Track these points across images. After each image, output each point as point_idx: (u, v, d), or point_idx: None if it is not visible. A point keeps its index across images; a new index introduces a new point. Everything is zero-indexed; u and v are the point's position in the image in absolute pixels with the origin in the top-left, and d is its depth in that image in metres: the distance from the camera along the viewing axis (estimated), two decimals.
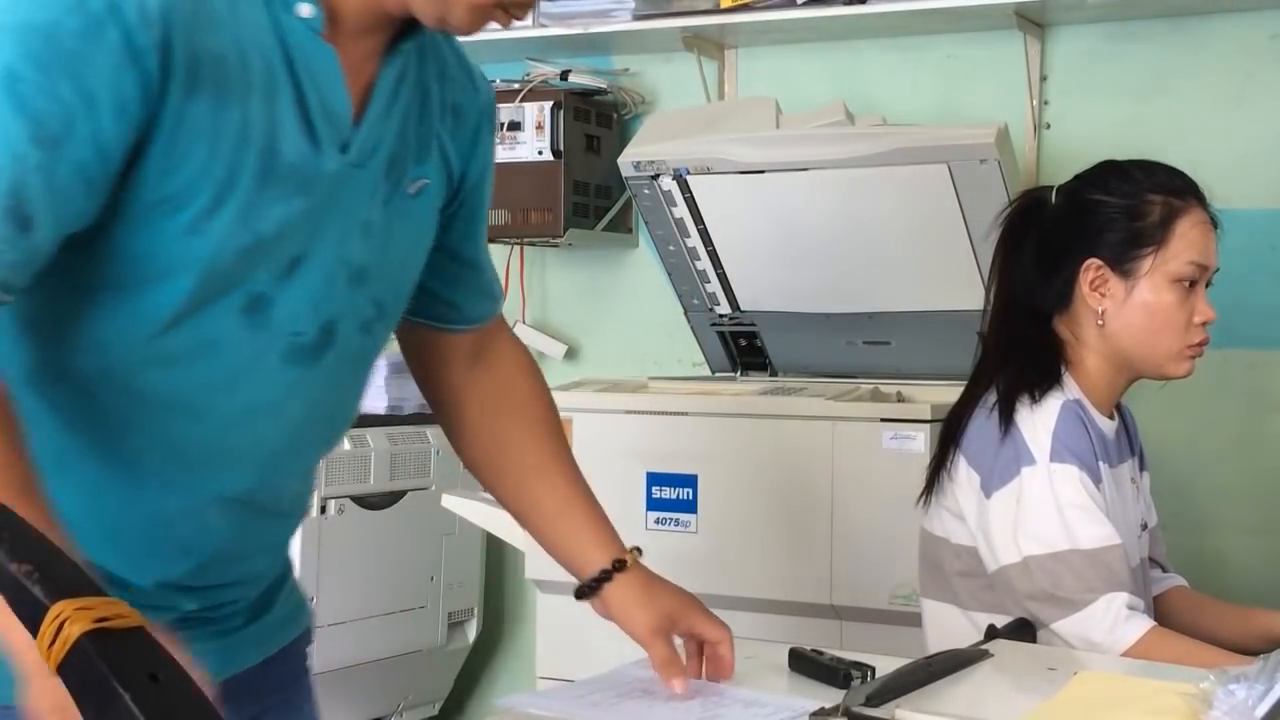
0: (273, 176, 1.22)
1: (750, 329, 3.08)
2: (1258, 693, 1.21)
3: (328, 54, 1.25)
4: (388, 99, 1.31)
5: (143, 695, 0.86)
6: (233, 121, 1.19)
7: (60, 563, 0.93)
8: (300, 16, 1.23)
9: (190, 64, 1.15)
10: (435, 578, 3.41)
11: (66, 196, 1.13)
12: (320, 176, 1.26)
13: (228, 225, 1.21)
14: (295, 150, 1.24)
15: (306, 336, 1.31)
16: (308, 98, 1.24)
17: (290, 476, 1.42)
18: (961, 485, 1.95)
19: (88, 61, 1.10)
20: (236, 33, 1.19)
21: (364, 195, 1.31)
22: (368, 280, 1.34)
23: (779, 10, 3.03)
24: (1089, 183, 1.99)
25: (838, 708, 1.32)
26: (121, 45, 1.11)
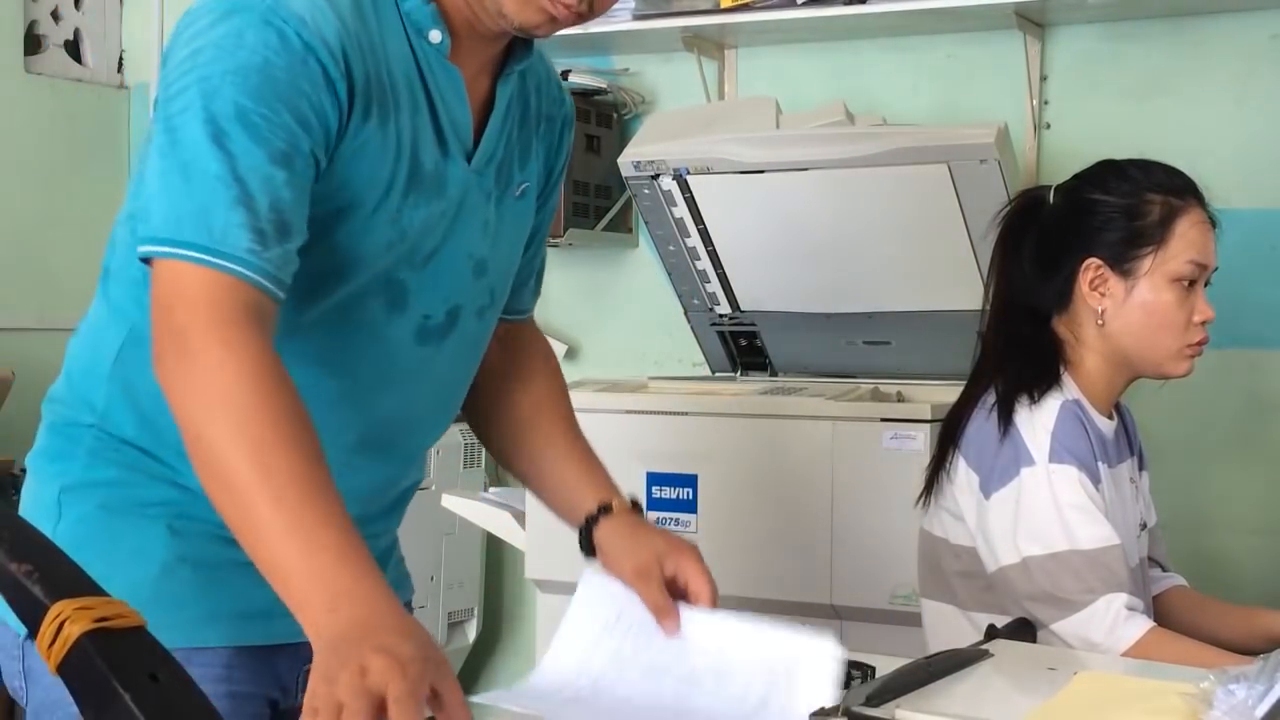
0: (416, 182, 1.41)
1: (750, 329, 3.08)
2: (1258, 693, 1.21)
3: (454, 74, 1.44)
4: (504, 115, 1.50)
5: (143, 695, 0.86)
6: (391, 136, 1.38)
7: (60, 563, 0.93)
8: (432, 42, 1.42)
9: (364, 89, 1.35)
10: (435, 578, 3.41)
11: (304, 204, 1.32)
12: (451, 181, 1.45)
13: (383, 226, 1.40)
14: (432, 159, 1.43)
15: (435, 319, 1.49)
16: (439, 113, 1.43)
17: (415, 440, 1.59)
18: (961, 486, 1.95)
19: (298, 91, 1.30)
20: (386, 57, 1.38)
21: (483, 198, 1.50)
22: (486, 272, 1.53)
23: (779, 10, 3.03)
24: (1088, 182, 1.99)
25: (838, 708, 1.32)
26: (320, 76, 1.31)
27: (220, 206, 1.25)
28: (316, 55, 1.31)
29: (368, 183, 1.37)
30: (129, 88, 4.09)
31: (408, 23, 1.40)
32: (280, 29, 1.29)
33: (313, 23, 1.31)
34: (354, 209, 1.37)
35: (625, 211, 3.39)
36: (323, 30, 1.31)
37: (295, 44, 1.30)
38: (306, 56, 1.30)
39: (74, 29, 3.98)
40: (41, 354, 3.84)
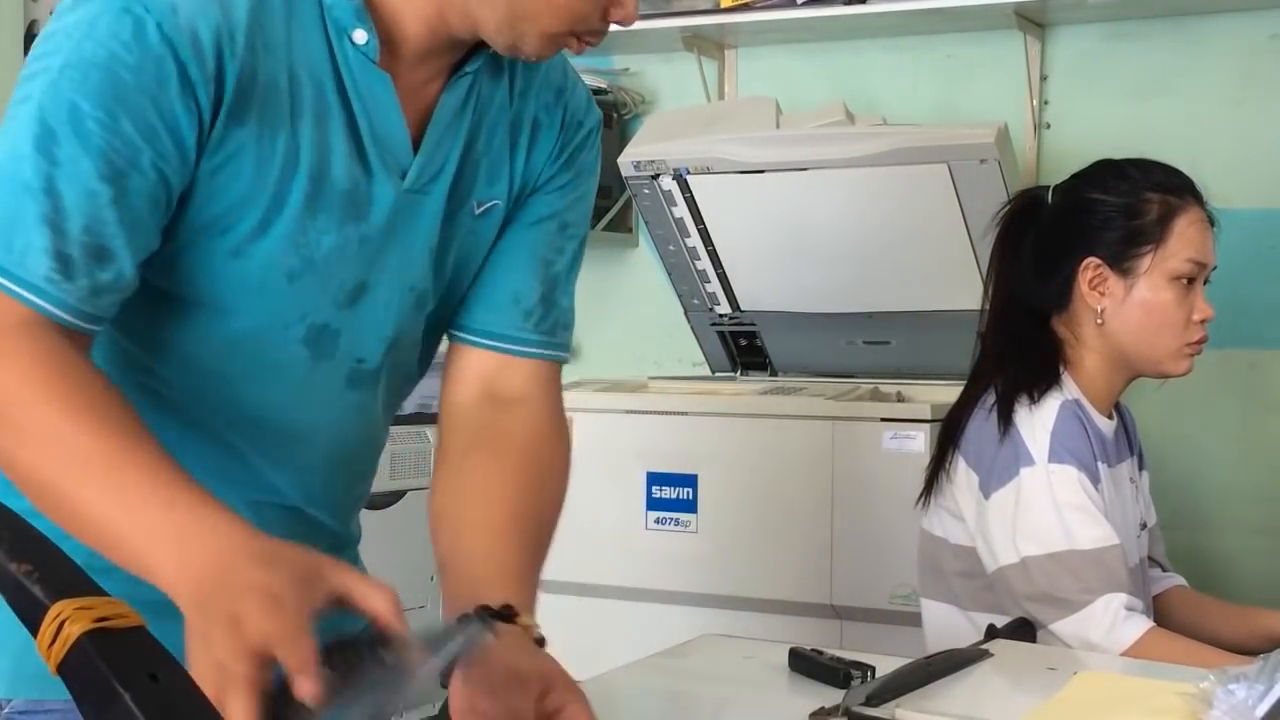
0: (323, 201, 1.23)
1: (750, 329, 3.07)
2: (1258, 693, 1.21)
3: (382, 81, 1.24)
4: (447, 123, 1.30)
5: (143, 695, 0.86)
6: (280, 146, 1.20)
7: (60, 563, 0.93)
8: (355, 43, 1.22)
9: (240, 92, 1.17)
10: (435, 577, 3.41)
11: (137, 226, 1.15)
12: (377, 203, 1.26)
13: (277, 247, 1.22)
14: (347, 176, 1.24)
15: (370, 362, 1.34)
16: (359, 124, 1.24)
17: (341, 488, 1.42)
18: (960, 486, 1.95)
19: (146, 95, 1.13)
20: (290, 56, 1.20)
21: (427, 221, 1.31)
22: (427, 303, 1.36)
23: (779, 10, 3.02)
24: (1086, 182, 1.99)
25: (838, 708, 1.32)
26: (177, 79, 1.14)
27: (25, 222, 1.11)
28: (176, 52, 1.13)
29: (245, 197, 1.20)
30: None
31: (328, 19, 1.21)
32: (139, 18, 1.12)
33: (184, 13, 1.13)
34: (229, 226, 1.21)
35: (625, 211, 3.39)
36: (193, 22, 1.14)
37: (152, 38, 1.13)
38: (162, 56, 1.13)
39: None
40: None
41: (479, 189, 1.35)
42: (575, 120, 1.41)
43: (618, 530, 2.74)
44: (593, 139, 1.43)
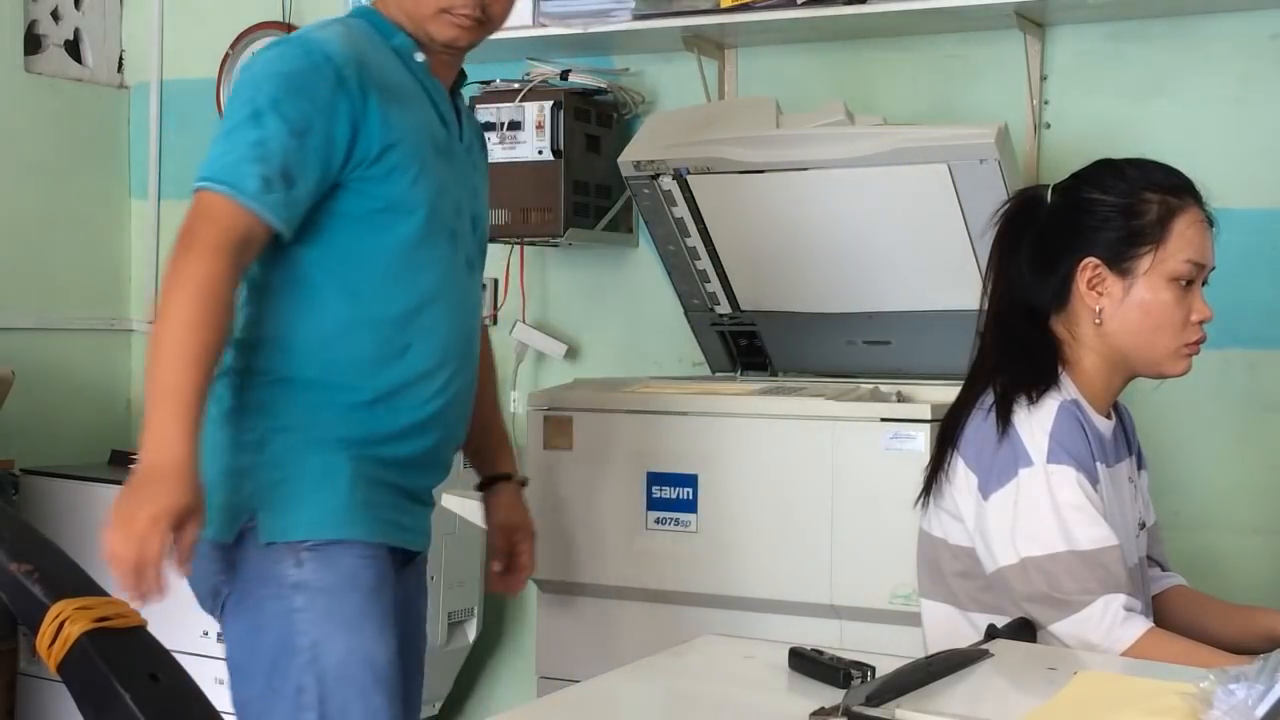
0: (438, 151, 2.02)
1: (750, 329, 3.08)
2: (1258, 693, 1.22)
3: (437, 84, 2.06)
4: (468, 112, 2.16)
5: (143, 695, 0.86)
6: (412, 118, 1.99)
7: (60, 563, 0.93)
8: (418, 61, 2.03)
9: (379, 88, 1.94)
10: (435, 578, 3.40)
11: (312, 166, 1.90)
12: (455, 152, 2.07)
13: (431, 180, 2.00)
14: (442, 136, 2.04)
15: (472, 255, 2.12)
16: (438, 107, 2.05)
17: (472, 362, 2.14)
18: (959, 486, 1.95)
19: (316, 90, 1.90)
20: (397, 74, 2.00)
21: (471, 166, 2.13)
22: (478, 227, 2.15)
23: (779, 10, 3.02)
24: (1085, 181, 1.99)
25: (838, 708, 1.32)
26: (335, 79, 1.91)
27: (245, 160, 1.85)
28: (333, 64, 1.90)
29: (411, 150, 1.96)
30: (129, 88, 4.09)
31: (400, 53, 2.02)
32: (308, 50, 1.92)
33: (330, 45, 1.93)
34: (407, 167, 1.96)
35: (625, 211, 3.39)
36: (339, 50, 1.93)
37: (319, 59, 1.91)
38: (324, 65, 1.90)
39: (74, 29, 3.98)
40: (41, 354, 3.86)
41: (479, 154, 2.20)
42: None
43: (618, 530, 2.75)
44: None
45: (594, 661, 1.52)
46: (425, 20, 1.99)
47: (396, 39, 2.01)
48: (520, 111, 3.19)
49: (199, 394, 1.80)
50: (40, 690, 3.48)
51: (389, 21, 2.02)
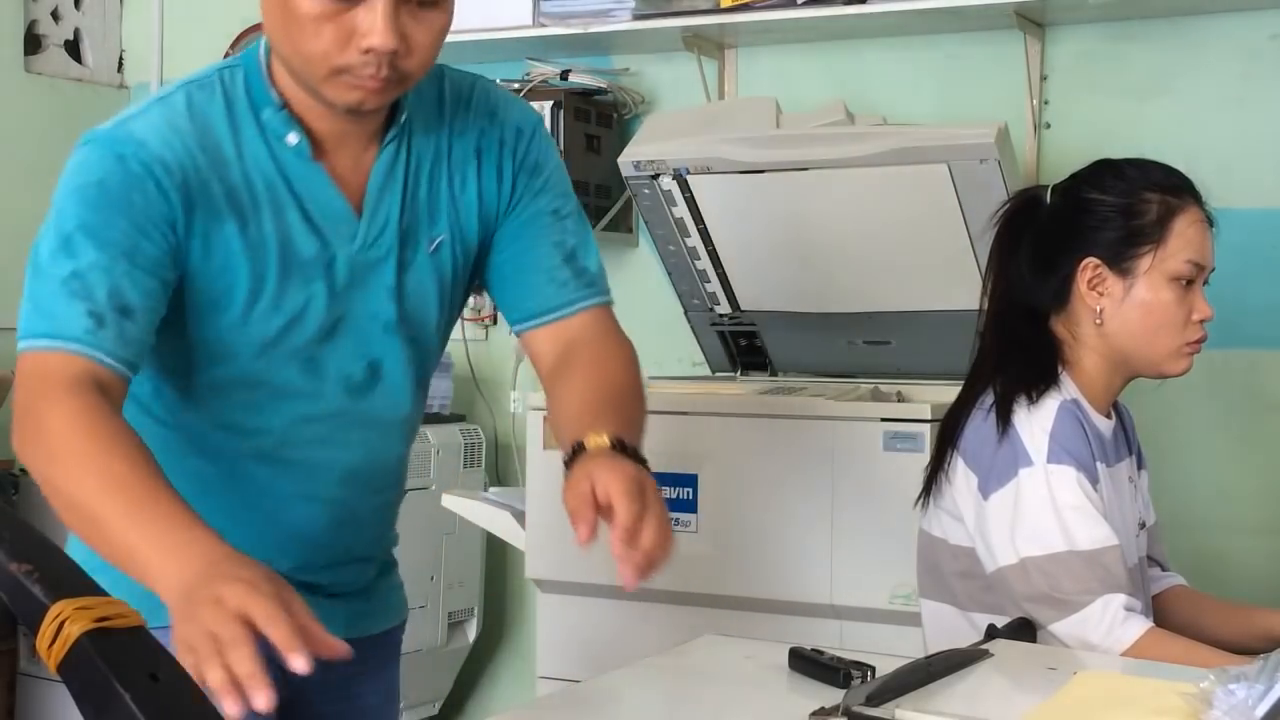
0: (293, 270, 1.57)
1: (750, 329, 3.08)
2: (1258, 693, 1.21)
3: (316, 172, 1.58)
4: (380, 188, 1.61)
5: (143, 695, 0.86)
6: (252, 236, 1.55)
7: (60, 563, 0.93)
8: (290, 145, 1.56)
9: (207, 199, 1.53)
10: (435, 578, 3.41)
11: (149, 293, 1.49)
12: (338, 265, 1.60)
13: (265, 313, 1.57)
14: (310, 248, 1.58)
15: (357, 376, 1.65)
16: (309, 208, 1.58)
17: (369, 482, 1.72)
18: (959, 486, 1.95)
19: (133, 201, 1.49)
20: (244, 166, 1.55)
21: (380, 267, 1.62)
22: (397, 330, 1.65)
23: (779, 10, 3.02)
24: (1085, 182, 1.99)
25: (838, 708, 1.32)
26: (155, 189, 1.50)
27: (61, 301, 1.46)
28: (151, 171, 1.49)
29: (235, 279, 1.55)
30: (129, 88, 4.10)
31: (267, 131, 1.56)
32: (119, 153, 1.50)
33: (150, 146, 1.50)
34: (229, 303, 1.55)
35: (625, 211, 3.39)
36: (160, 152, 1.50)
37: (131, 163, 1.49)
38: (142, 173, 1.49)
39: (74, 29, 3.98)
40: None
41: (425, 229, 1.65)
42: (515, 129, 1.71)
43: None
44: (537, 137, 1.72)
45: (594, 661, 1.52)
46: (318, 84, 1.50)
47: (266, 111, 1.56)
48: None
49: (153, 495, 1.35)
50: (40, 690, 3.48)
51: (267, 84, 1.56)
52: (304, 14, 1.45)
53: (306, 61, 1.48)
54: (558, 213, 1.72)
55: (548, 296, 1.71)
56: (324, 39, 1.45)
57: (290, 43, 1.49)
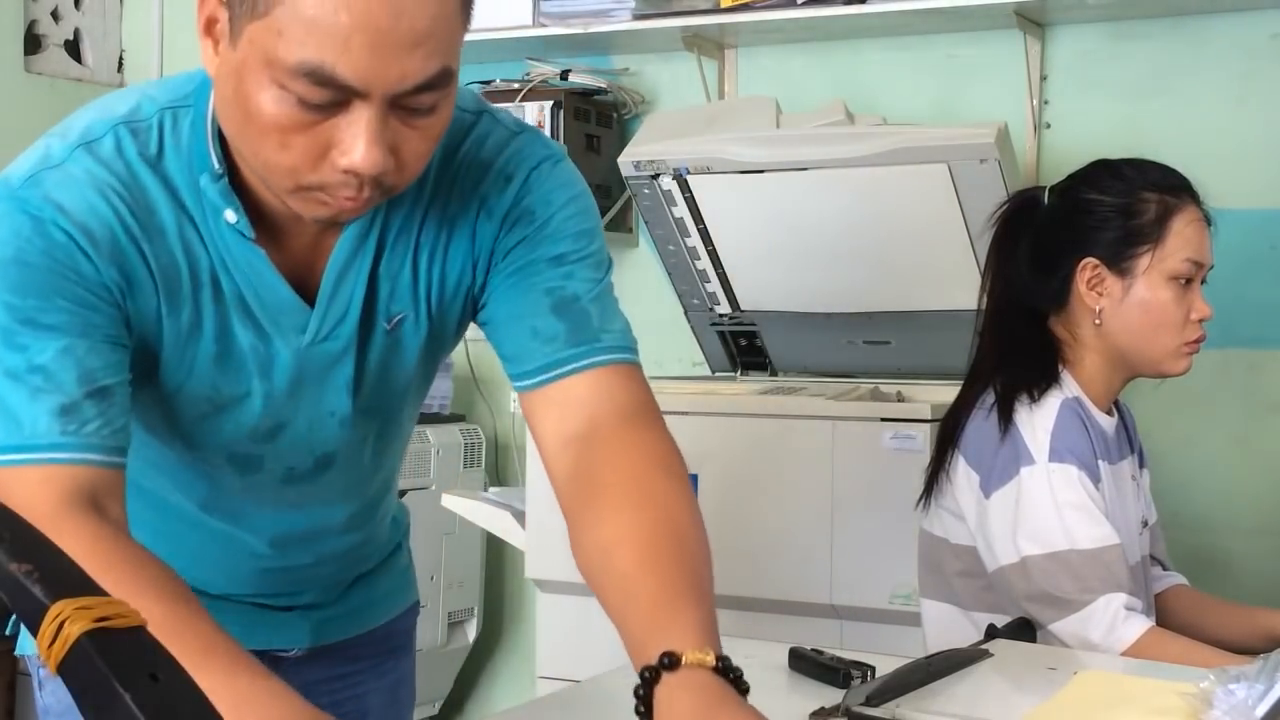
0: (230, 360, 1.32)
1: (750, 329, 3.08)
2: (1258, 692, 1.21)
3: (257, 255, 1.28)
4: (341, 271, 1.32)
5: (143, 695, 0.86)
6: (185, 317, 1.29)
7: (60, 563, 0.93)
8: (229, 222, 1.27)
9: (141, 274, 1.25)
10: (435, 578, 3.41)
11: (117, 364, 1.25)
12: (276, 362, 1.33)
13: (191, 401, 1.33)
14: (247, 339, 1.32)
15: (301, 469, 1.42)
16: (245, 295, 1.30)
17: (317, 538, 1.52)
18: (961, 486, 1.95)
19: (63, 273, 1.22)
20: (183, 238, 1.27)
21: (336, 360, 1.36)
22: (358, 419, 1.41)
23: (779, 10, 3.02)
24: (1083, 182, 1.99)
25: (838, 708, 1.32)
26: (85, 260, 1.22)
27: (22, 402, 1.20)
28: (75, 241, 1.22)
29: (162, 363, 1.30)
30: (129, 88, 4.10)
31: (205, 201, 1.27)
32: (35, 216, 1.21)
33: (73, 209, 1.22)
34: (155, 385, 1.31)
35: (625, 211, 3.39)
36: (83, 218, 1.22)
37: (51, 229, 1.21)
38: (65, 240, 1.22)
39: (74, 29, 3.98)
40: None
41: (386, 307, 1.36)
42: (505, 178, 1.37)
43: None
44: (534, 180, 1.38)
45: (594, 661, 1.52)
46: (283, 195, 1.21)
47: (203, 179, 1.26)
48: (520, 111, 3.19)
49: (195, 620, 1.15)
50: None
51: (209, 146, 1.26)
52: (267, 121, 1.14)
53: (270, 171, 1.19)
54: (560, 258, 1.38)
55: (530, 352, 1.36)
56: (293, 153, 1.15)
57: (250, 147, 1.19)
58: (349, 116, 1.13)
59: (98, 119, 1.27)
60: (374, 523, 1.58)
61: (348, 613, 1.60)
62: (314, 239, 1.31)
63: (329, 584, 1.56)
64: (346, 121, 1.13)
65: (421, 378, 1.46)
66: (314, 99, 1.12)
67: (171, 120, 1.28)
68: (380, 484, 1.55)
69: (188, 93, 1.28)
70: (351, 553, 1.57)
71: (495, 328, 1.41)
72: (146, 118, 1.27)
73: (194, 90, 1.28)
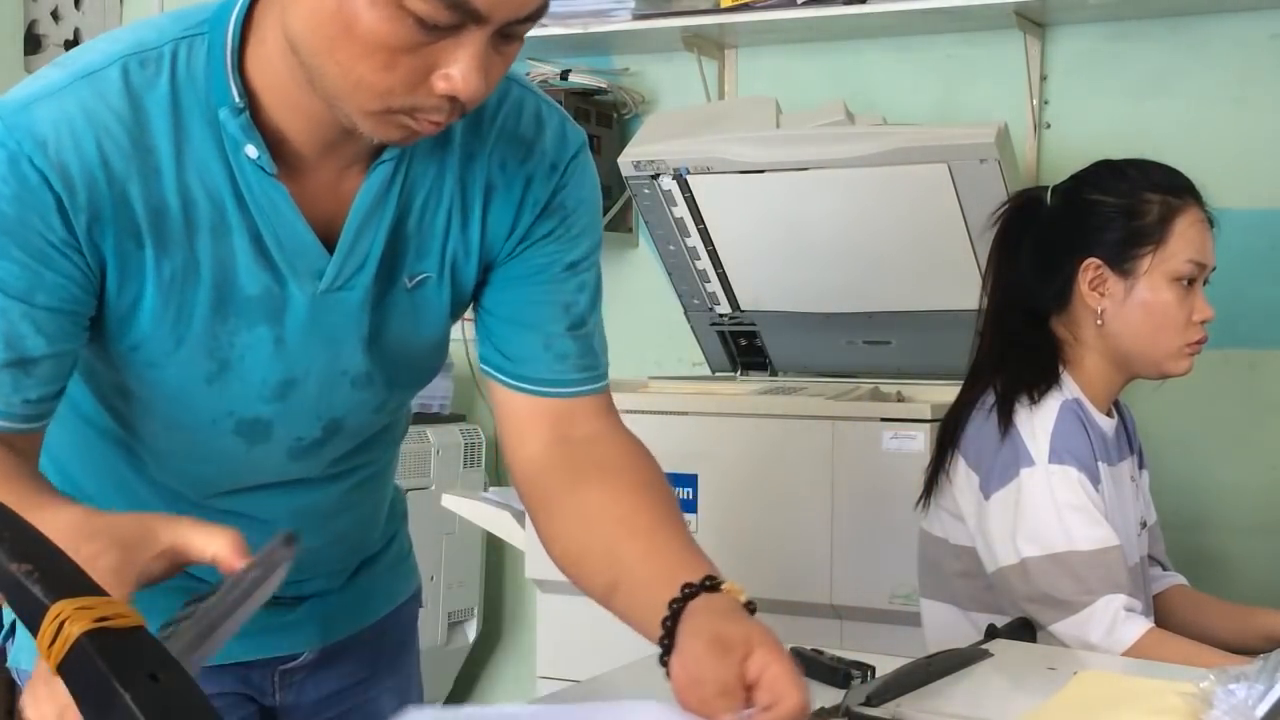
0: (232, 308, 1.26)
1: (750, 329, 3.08)
2: (1258, 693, 1.21)
3: (279, 191, 1.24)
4: (365, 217, 1.28)
5: (143, 695, 0.86)
6: (177, 265, 1.23)
7: (60, 562, 0.93)
8: (249, 158, 1.22)
9: (125, 217, 1.20)
10: (435, 578, 3.41)
11: (56, 333, 1.20)
12: (290, 307, 1.28)
13: (191, 356, 1.27)
14: (255, 283, 1.26)
15: (309, 439, 1.38)
16: (263, 234, 1.25)
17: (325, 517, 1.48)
18: (960, 486, 1.95)
19: (29, 222, 1.16)
20: (181, 176, 1.21)
21: (352, 312, 1.32)
22: (373, 379, 1.37)
23: (779, 10, 3.02)
24: (1085, 183, 1.99)
25: (838, 708, 1.32)
26: (52, 207, 1.16)
27: None
28: (49, 183, 1.16)
29: (153, 316, 1.24)
30: None
31: (224, 135, 1.21)
32: (12, 153, 1.15)
33: (55, 147, 1.16)
34: (147, 344, 1.26)
35: (625, 211, 3.39)
36: (62, 156, 1.16)
37: (26, 169, 1.15)
38: (39, 183, 1.16)
39: (74, 29, 3.98)
40: None
41: (409, 265, 1.33)
42: (550, 165, 1.37)
43: None
44: (574, 171, 1.38)
45: (594, 661, 1.52)
46: (358, 115, 1.15)
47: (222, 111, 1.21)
48: None
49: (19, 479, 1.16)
50: None
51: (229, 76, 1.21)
52: (376, 40, 1.09)
53: (356, 90, 1.13)
54: (575, 266, 1.40)
55: (543, 366, 1.39)
56: (395, 74, 1.11)
57: (341, 67, 1.12)
58: (459, 40, 1.10)
59: (105, 49, 1.21)
60: (374, 503, 1.57)
61: (354, 602, 1.57)
62: (333, 181, 1.27)
63: (335, 569, 1.54)
64: (455, 45, 1.10)
65: (434, 346, 1.42)
66: (438, 20, 1.08)
67: (187, 50, 1.21)
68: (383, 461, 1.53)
69: (200, 21, 1.22)
70: (354, 534, 1.55)
71: (501, 323, 1.40)
72: (156, 46, 1.21)
73: (208, 19, 1.22)
